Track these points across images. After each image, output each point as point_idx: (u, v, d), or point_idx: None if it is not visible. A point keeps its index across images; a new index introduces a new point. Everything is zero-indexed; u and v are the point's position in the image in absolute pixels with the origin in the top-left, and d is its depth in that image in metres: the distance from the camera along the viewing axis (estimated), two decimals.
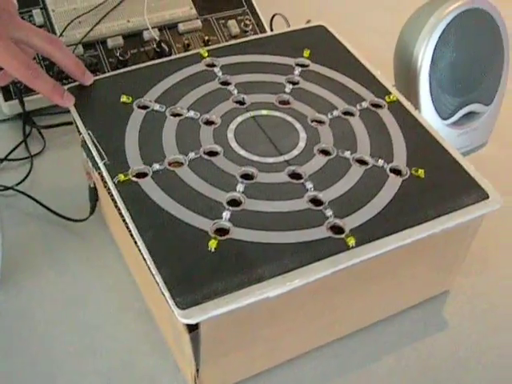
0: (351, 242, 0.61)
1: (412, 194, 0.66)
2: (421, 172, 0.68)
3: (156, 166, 0.67)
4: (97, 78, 0.77)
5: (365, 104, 0.76)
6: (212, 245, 0.60)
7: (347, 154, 0.70)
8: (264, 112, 0.74)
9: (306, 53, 0.81)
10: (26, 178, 0.85)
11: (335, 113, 0.75)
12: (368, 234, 0.62)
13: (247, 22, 1.02)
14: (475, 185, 0.68)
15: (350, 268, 0.61)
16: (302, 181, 0.67)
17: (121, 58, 0.94)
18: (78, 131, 0.72)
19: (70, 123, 0.87)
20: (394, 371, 0.69)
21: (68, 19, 0.95)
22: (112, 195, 0.66)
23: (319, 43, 0.83)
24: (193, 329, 0.58)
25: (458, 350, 0.72)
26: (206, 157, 0.69)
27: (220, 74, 0.78)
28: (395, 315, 0.73)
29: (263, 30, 1.03)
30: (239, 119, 0.73)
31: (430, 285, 0.74)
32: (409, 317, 0.74)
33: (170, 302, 0.56)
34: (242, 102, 0.75)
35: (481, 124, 0.90)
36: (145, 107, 0.74)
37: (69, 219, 0.80)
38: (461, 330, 0.73)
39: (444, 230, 0.64)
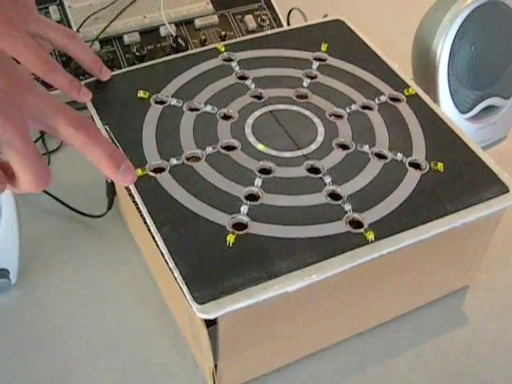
0: (370, 236, 0.61)
1: (431, 187, 0.66)
2: (440, 166, 0.67)
3: (173, 161, 0.67)
4: (114, 73, 0.77)
5: (383, 98, 0.75)
6: (230, 239, 0.60)
7: (366, 148, 0.70)
8: (282, 106, 0.74)
9: (324, 47, 0.81)
10: None
11: (353, 107, 0.74)
12: (387, 228, 0.62)
13: (264, 17, 1.02)
14: (495, 178, 0.67)
15: (368, 263, 0.60)
16: (320, 175, 0.67)
17: (137, 53, 0.94)
18: None
19: None
20: (414, 367, 0.69)
21: (84, 15, 0.95)
22: (129, 190, 0.65)
23: (337, 37, 0.83)
24: (211, 324, 0.57)
25: (477, 345, 0.71)
26: (223, 151, 0.68)
27: (237, 68, 0.78)
28: (414, 310, 0.73)
29: (280, 25, 1.02)
30: (257, 113, 0.73)
31: (449, 280, 0.74)
32: (428, 312, 0.73)
33: (188, 296, 0.56)
34: (259, 97, 0.75)
35: (500, 118, 0.90)
36: (162, 102, 0.74)
37: (86, 215, 0.80)
38: (480, 325, 0.73)
39: (464, 224, 0.64)
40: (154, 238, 0.61)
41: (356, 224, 0.62)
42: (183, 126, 0.71)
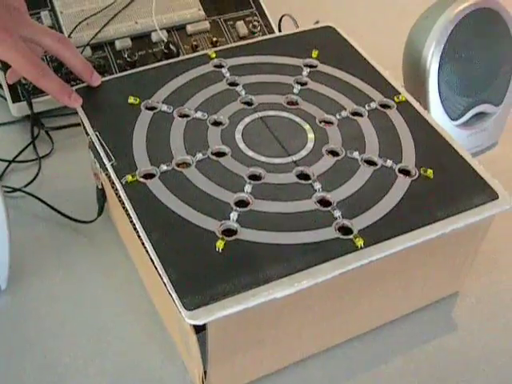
0: (360, 242, 0.61)
1: (421, 194, 0.66)
2: (430, 172, 0.68)
3: (163, 167, 0.67)
4: (104, 79, 0.77)
5: (373, 104, 0.75)
6: (219, 245, 0.60)
7: (356, 154, 0.70)
8: (272, 113, 0.74)
9: (315, 53, 0.81)
10: (34, 179, 0.85)
11: (344, 113, 0.74)
12: (377, 234, 0.62)
13: (255, 23, 1.02)
14: (485, 185, 0.67)
15: (358, 269, 0.60)
16: (310, 181, 0.67)
17: (129, 59, 0.94)
18: (86, 132, 0.72)
19: (78, 125, 0.87)
20: (403, 373, 0.69)
21: (76, 21, 0.95)
22: (120, 196, 0.65)
23: (327, 44, 0.83)
24: (200, 330, 0.57)
25: (467, 351, 0.71)
26: (213, 157, 0.69)
27: (228, 74, 0.78)
28: (404, 317, 0.73)
29: (271, 31, 1.02)
30: (247, 120, 0.73)
31: (439, 286, 0.74)
32: (418, 318, 0.73)
33: (178, 302, 0.56)
34: (249, 103, 0.75)
35: (491, 124, 0.90)
36: (152, 108, 0.74)
37: (77, 221, 0.79)
38: (470, 331, 0.73)
39: (453, 230, 0.64)
40: (143, 243, 0.61)
41: (345, 230, 0.62)
42: (173, 132, 0.71)
